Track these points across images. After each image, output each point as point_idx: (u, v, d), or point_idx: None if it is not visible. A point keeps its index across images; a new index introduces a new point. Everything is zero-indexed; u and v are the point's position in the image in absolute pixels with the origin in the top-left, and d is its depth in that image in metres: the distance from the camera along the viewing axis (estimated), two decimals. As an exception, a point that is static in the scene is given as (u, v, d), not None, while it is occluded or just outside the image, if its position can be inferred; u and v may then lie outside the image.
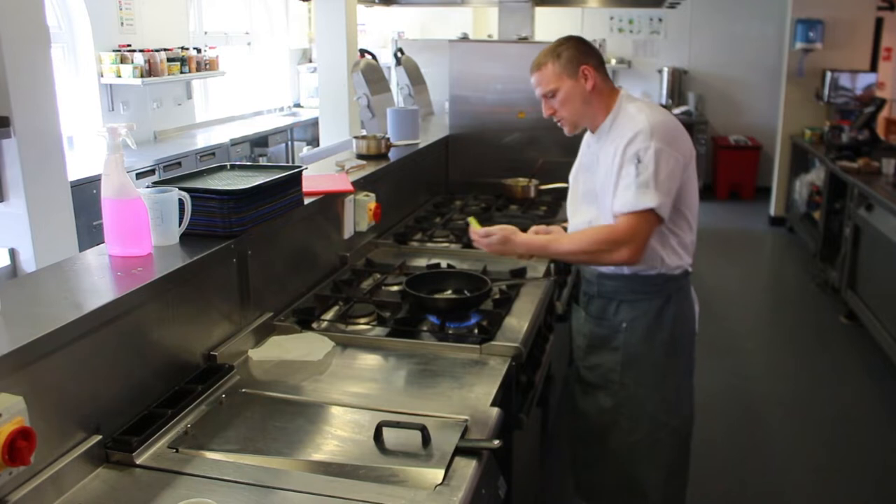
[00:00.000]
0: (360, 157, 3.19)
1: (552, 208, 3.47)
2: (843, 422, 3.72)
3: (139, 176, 4.68)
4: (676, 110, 8.48)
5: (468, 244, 2.91)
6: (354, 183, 2.67)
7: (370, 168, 2.99)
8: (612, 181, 1.99)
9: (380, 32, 8.19)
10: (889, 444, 3.50)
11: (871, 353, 4.35)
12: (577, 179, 2.22)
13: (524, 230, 2.22)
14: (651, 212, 1.93)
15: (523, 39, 4.74)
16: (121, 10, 5.42)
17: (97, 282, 1.62)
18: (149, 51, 5.37)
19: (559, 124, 2.14)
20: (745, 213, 7.95)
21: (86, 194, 3.93)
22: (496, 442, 1.52)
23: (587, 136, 2.21)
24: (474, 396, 1.75)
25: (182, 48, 5.83)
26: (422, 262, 2.72)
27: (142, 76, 5.24)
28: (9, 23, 2.78)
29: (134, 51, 5.31)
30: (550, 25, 8.08)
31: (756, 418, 3.71)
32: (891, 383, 4.07)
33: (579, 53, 2.06)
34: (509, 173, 3.76)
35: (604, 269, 2.14)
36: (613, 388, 2.16)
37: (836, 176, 5.41)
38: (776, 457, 3.35)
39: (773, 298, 5.84)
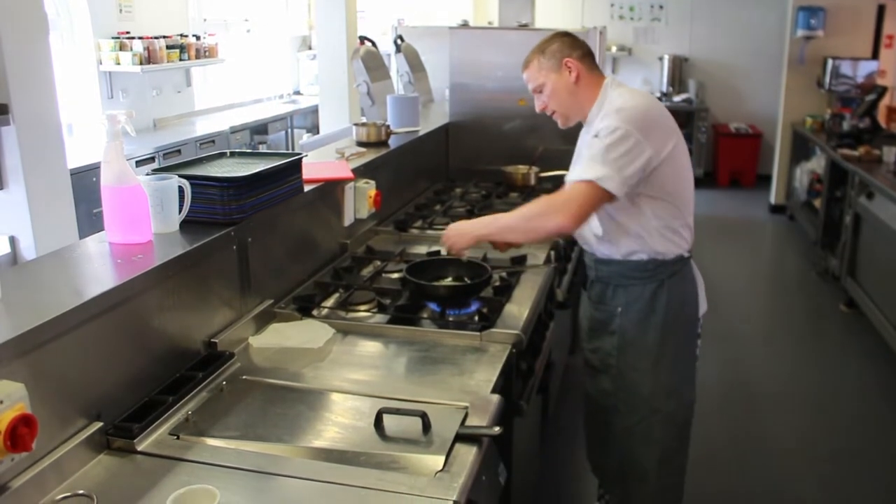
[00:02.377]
0: (360, 144, 3.18)
1: (552, 196, 3.45)
2: (842, 409, 3.73)
3: (139, 163, 4.67)
4: (677, 98, 8.46)
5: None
6: (354, 170, 2.67)
7: (370, 155, 2.98)
8: None
9: (379, 19, 8.15)
10: (889, 432, 3.51)
11: (871, 341, 4.35)
12: (571, 169, 2.23)
13: None
14: (593, 184, 1.93)
15: (524, 26, 4.72)
16: (119, -4, 5.39)
17: (97, 269, 1.62)
18: (148, 38, 5.34)
19: (553, 118, 2.19)
20: (745, 201, 7.94)
21: (86, 182, 3.92)
22: (496, 429, 1.52)
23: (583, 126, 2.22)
24: (475, 383, 1.75)
25: (181, 35, 5.80)
26: (422, 250, 2.72)
27: (141, 63, 5.22)
28: (7, 10, 2.76)
29: (133, 38, 5.28)
30: (551, 13, 8.06)
31: (755, 405, 3.72)
32: (890, 371, 4.08)
33: (563, 47, 2.12)
34: (509, 161, 3.75)
35: (599, 253, 2.17)
36: (612, 371, 2.20)
37: (836, 164, 5.40)
38: (775, 444, 3.36)
39: (774, 286, 5.84)
